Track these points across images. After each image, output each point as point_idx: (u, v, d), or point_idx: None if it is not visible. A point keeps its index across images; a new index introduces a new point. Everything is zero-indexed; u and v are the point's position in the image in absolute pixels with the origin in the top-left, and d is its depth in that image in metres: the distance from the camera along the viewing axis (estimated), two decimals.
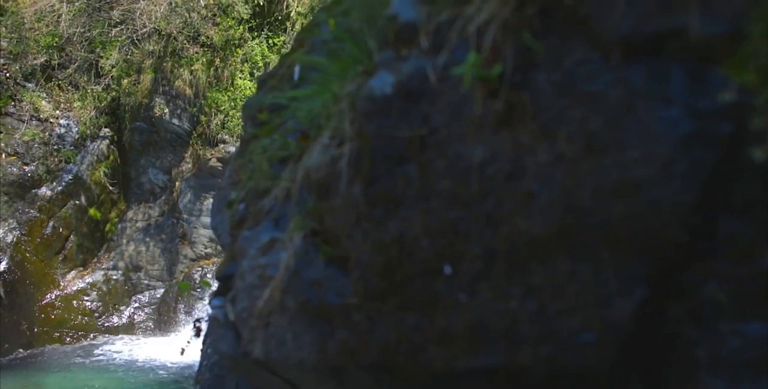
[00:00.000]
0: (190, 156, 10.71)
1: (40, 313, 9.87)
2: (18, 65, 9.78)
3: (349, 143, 0.95)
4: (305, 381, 1.24)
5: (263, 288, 1.13)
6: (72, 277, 10.36)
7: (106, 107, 10.33)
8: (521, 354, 0.79)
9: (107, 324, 10.46)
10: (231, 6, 9.77)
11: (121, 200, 10.88)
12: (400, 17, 0.91)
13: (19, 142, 9.73)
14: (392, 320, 0.95)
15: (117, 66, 9.88)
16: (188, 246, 10.88)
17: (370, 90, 0.91)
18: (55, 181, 10.00)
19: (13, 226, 9.64)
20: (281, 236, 1.14)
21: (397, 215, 0.91)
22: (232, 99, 10.33)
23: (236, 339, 1.23)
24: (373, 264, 0.95)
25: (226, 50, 10.25)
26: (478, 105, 0.74)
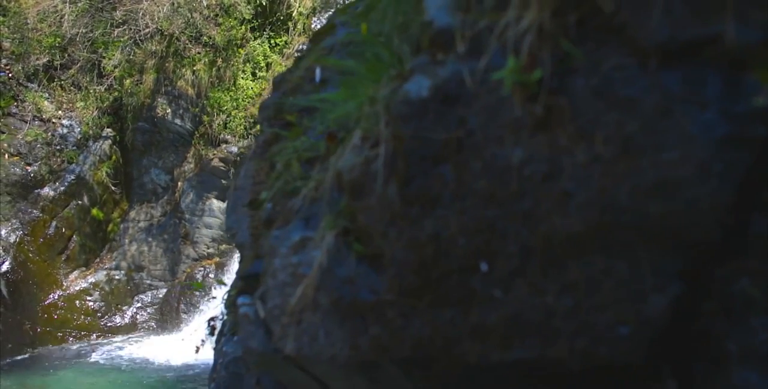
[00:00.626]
0: (192, 156, 10.73)
1: (43, 313, 9.89)
2: (20, 66, 9.80)
3: (384, 145, 0.99)
4: (334, 377, 1.27)
5: (295, 286, 1.16)
6: (75, 277, 10.39)
7: (108, 107, 10.35)
8: (557, 347, 0.82)
9: (110, 323, 10.49)
10: (233, 6, 9.79)
11: (124, 200, 10.91)
12: (435, 23, 0.94)
13: (21, 142, 9.75)
14: (427, 316, 0.98)
15: (119, 66, 9.91)
16: (190, 246, 10.90)
17: (407, 93, 0.94)
18: (58, 181, 10.03)
19: (16, 226, 9.66)
20: (312, 235, 1.17)
21: (432, 214, 0.94)
22: (235, 99, 10.36)
23: (267, 336, 1.26)
24: (408, 262, 0.98)
25: (228, 50, 10.28)
26: (518, 108, 0.78)
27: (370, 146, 1.04)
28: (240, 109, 10.50)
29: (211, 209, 10.92)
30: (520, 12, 0.80)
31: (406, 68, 0.98)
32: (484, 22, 0.86)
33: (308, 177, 1.32)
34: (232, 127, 10.50)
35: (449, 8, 0.93)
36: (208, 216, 10.96)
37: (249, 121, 10.49)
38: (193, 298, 10.83)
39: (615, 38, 0.74)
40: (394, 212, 0.99)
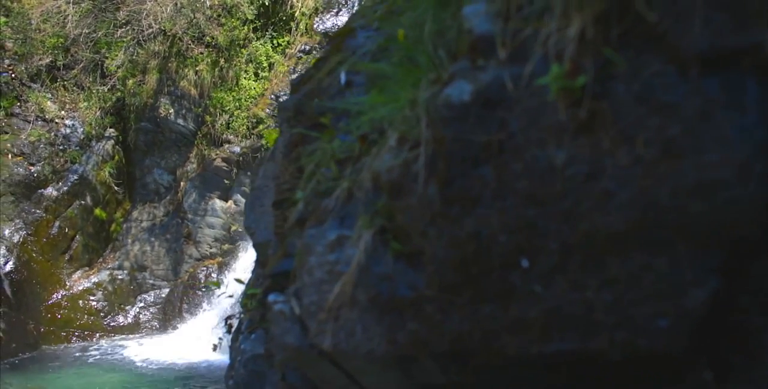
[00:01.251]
0: (194, 156, 10.76)
1: (47, 313, 9.91)
2: (24, 66, 9.82)
3: (425, 147, 1.03)
4: (367, 371, 1.31)
5: (332, 283, 1.20)
6: (78, 277, 10.41)
7: (111, 107, 10.38)
8: (597, 340, 0.86)
9: (113, 323, 10.51)
10: (236, 7, 9.82)
11: (126, 200, 10.94)
12: (475, 30, 0.98)
13: (25, 142, 9.78)
14: (466, 310, 1.03)
15: (122, 67, 9.94)
16: (193, 246, 10.92)
17: (448, 97, 0.99)
18: (61, 181, 10.05)
19: (19, 226, 9.68)
20: (349, 233, 1.21)
21: (473, 213, 0.98)
22: (237, 99, 10.38)
23: (303, 332, 1.30)
24: (448, 259, 1.03)
25: (230, 51, 10.31)
26: (562, 113, 0.82)
27: (408, 148, 1.08)
28: (242, 109, 10.53)
29: (214, 208, 10.95)
30: (562, 21, 0.84)
31: (446, 73, 1.02)
32: (528, 29, 0.90)
33: (340, 178, 1.36)
34: (234, 127, 10.52)
35: (488, 16, 0.97)
36: (210, 216, 10.99)
37: (251, 121, 10.52)
38: (196, 298, 10.86)
39: (655, 46, 0.78)
40: (435, 212, 1.03)
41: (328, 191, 1.36)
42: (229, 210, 10.95)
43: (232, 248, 10.86)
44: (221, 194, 10.86)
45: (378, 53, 1.75)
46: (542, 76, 0.88)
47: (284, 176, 1.81)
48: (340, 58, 1.95)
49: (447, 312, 1.05)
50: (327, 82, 1.93)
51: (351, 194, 1.30)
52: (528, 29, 0.91)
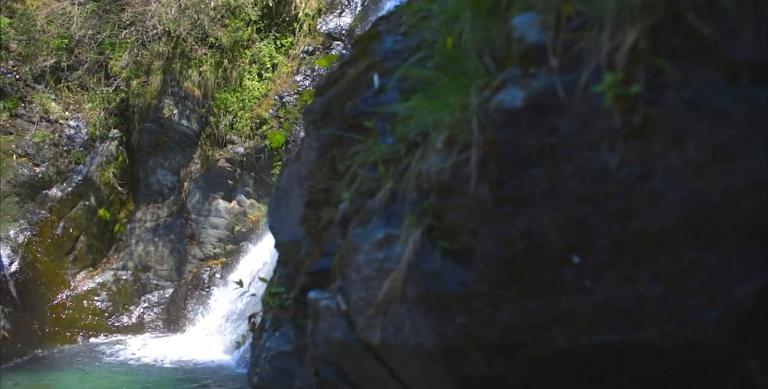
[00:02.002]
0: (198, 157, 10.80)
1: (52, 313, 9.94)
2: (28, 67, 9.85)
3: (476, 150, 1.09)
4: (411, 365, 1.37)
5: (381, 280, 1.26)
6: (82, 277, 10.44)
7: (114, 108, 10.41)
8: (646, 331, 0.92)
9: (117, 323, 10.54)
10: (240, 8, 9.87)
11: (130, 200, 10.97)
12: (526, 40, 1.04)
13: (29, 143, 9.80)
14: (515, 304, 1.08)
15: (126, 68, 9.97)
16: (197, 246, 10.96)
17: (500, 103, 1.04)
18: (65, 182, 10.08)
19: (24, 227, 9.71)
20: (396, 232, 1.27)
21: (524, 213, 1.04)
22: (241, 100, 10.43)
23: (349, 327, 1.35)
24: (499, 256, 1.08)
25: (234, 51, 10.35)
26: (617, 119, 0.88)
27: (458, 151, 1.14)
28: (246, 110, 10.58)
29: (218, 209, 11.00)
30: (614, 33, 0.89)
31: (495, 80, 1.08)
32: (576, 40, 0.96)
33: (383, 179, 1.41)
34: (238, 128, 10.57)
35: (539, 26, 1.03)
36: (214, 216, 11.03)
37: (255, 121, 10.57)
38: (200, 298, 10.90)
39: (704, 56, 0.84)
40: (485, 211, 1.09)
41: (371, 191, 1.42)
42: (233, 211, 11.00)
43: (235, 249, 10.90)
44: (225, 195, 10.90)
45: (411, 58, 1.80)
46: (592, 84, 0.94)
47: (317, 176, 1.86)
48: (369, 62, 2.01)
49: (497, 305, 1.11)
50: (356, 85, 1.99)
51: (394, 194, 1.36)
52: (578, 40, 0.97)
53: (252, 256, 9.98)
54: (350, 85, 2.05)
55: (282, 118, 10.46)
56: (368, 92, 1.78)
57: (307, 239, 1.87)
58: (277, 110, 10.47)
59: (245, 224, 10.84)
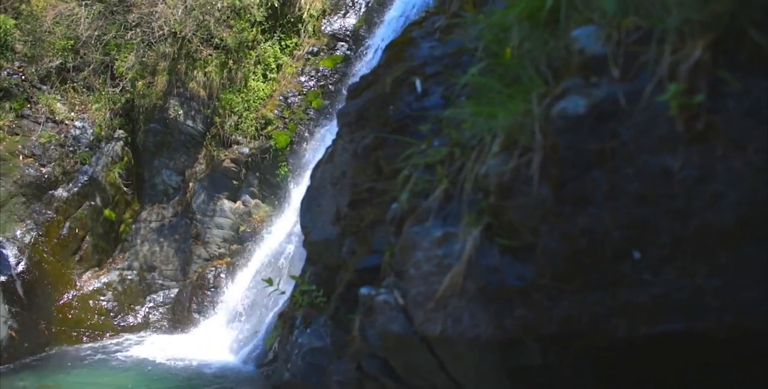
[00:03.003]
0: (203, 157, 10.85)
1: (58, 313, 9.97)
2: (34, 68, 9.88)
3: (538, 153, 1.17)
4: (464, 356, 1.44)
5: (441, 275, 1.34)
6: (88, 277, 10.48)
7: (120, 108, 10.45)
8: (705, 321, 1.00)
9: (123, 323, 10.58)
10: (246, 8, 9.94)
11: (135, 201, 11.01)
12: (587, 51, 1.12)
13: (35, 143, 9.84)
14: (575, 297, 1.17)
15: (132, 68, 10.02)
16: (202, 246, 11.01)
17: (564, 110, 1.12)
18: (71, 182, 10.11)
19: (30, 227, 9.74)
20: (454, 230, 1.35)
21: (585, 212, 1.12)
22: (246, 100, 10.48)
23: (407, 320, 1.43)
24: (560, 252, 1.16)
25: (239, 52, 10.41)
26: (680, 125, 0.96)
27: (519, 155, 1.22)
28: (251, 110, 10.64)
29: (222, 209, 11.05)
30: (676, 46, 0.97)
31: (557, 88, 1.16)
32: (636, 52, 1.04)
33: (436, 180, 1.49)
34: (243, 128, 10.63)
35: (600, 39, 1.11)
36: (219, 217, 11.08)
37: (260, 122, 10.64)
38: (205, 298, 10.96)
39: (763, 67, 0.92)
40: (547, 211, 1.17)
41: (424, 191, 1.50)
42: (238, 211, 11.07)
43: (240, 249, 10.96)
44: (230, 195, 10.96)
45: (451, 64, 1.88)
46: (654, 93, 1.02)
47: (360, 177, 1.94)
48: (407, 67, 2.09)
49: (556, 298, 1.18)
50: (395, 89, 2.07)
51: (448, 194, 1.44)
52: (639, 51, 1.05)
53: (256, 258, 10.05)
54: (387, 89, 2.13)
55: (287, 118, 10.53)
56: (410, 96, 1.85)
57: (349, 238, 1.94)
58: (281, 111, 10.54)
59: (250, 224, 10.90)
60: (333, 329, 2.11)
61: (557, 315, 1.19)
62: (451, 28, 2.11)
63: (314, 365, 2.62)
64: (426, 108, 1.77)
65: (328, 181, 2.50)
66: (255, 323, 9.27)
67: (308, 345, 2.65)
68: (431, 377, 1.67)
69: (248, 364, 8.67)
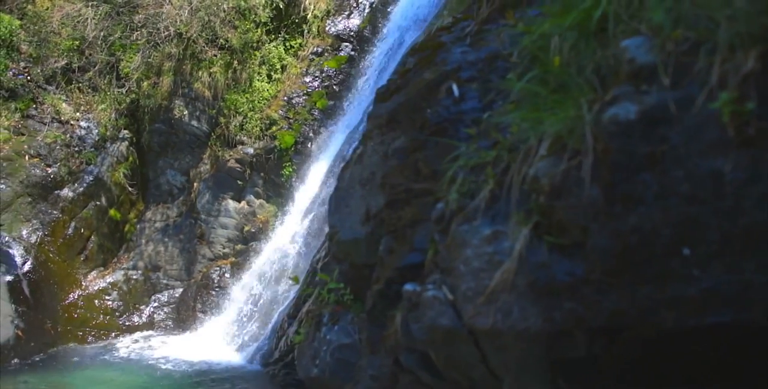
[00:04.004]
0: (208, 157, 10.90)
1: (64, 312, 10.01)
2: (39, 68, 9.91)
3: (589, 156, 1.24)
4: (508, 349, 1.52)
5: (491, 271, 1.41)
6: (93, 277, 10.52)
7: (125, 108, 10.49)
8: (751, 313, 1.08)
9: (128, 322, 10.62)
10: (251, 9, 9.99)
11: (140, 200, 11.04)
12: (637, 60, 1.20)
13: (41, 144, 9.87)
14: (624, 291, 1.24)
15: (138, 69, 10.07)
16: (206, 246, 11.05)
17: (615, 116, 1.20)
18: (77, 182, 10.15)
19: (36, 227, 9.77)
20: (503, 229, 1.42)
21: (636, 211, 1.20)
22: (251, 101, 10.54)
23: (456, 314, 1.50)
24: (610, 249, 1.24)
25: (244, 53, 10.47)
26: (731, 131, 1.03)
27: (569, 157, 1.30)
28: (256, 110, 10.69)
29: (227, 209, 11.10)
30: (726, 56, 1.05)
31: (608, 95, 1.23)
32: (686, 61, 1.12)
33: (483, 181, 1.57)
34: (248, 128, 10.68)
35: (648, 49, 1.18)
36: (223, 217, 11.13)
37: (265, 122, 10.69)
38: (210, 298, 11.01)
39: None
40: (597, 210, 1.24)
41: (470, 192, 1.57)
42: (242, 211, 11.12)
43: (245, 249, 11.01)
44: (234, 195, 11.02)
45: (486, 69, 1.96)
46: (704, 100, 1.10)
47: (398, 178, 2.01)
48: (440, 71, 2.16)
49: (605, 292, 1.26)
50: (429, 93, 2.14)
51: (494, 195, 1.51)
52: (688, 61, 1.13)
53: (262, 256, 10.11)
54: (421, 92, 2.20)
55: (291, 119, 10.59)
56: (448, 100, 1.93)
57: (386, 236, 2.01)
58: (286, 111, 10.60)
59: (254, 224, 10.96)
60: (368, 325, 2.18)
61: (606, 307, 1.27)
62: (482, 34, 2.18)
63: (343, 361, 2.69)
64: (463, 112, 1.84)
65: (356, 182, 2.57)
66: (260, 322, 9.33)
67: (337, 341, 2.72)
68: (470, 370, 1.75)
69: (254, 363, 8.72)
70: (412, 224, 1.84)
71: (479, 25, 2.21)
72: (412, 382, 2.11)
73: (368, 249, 2.51)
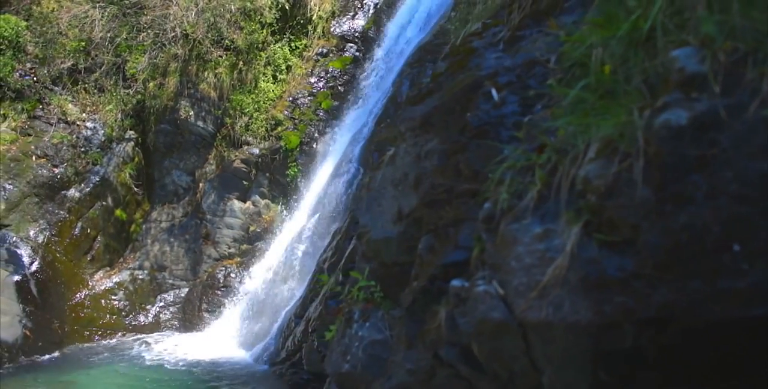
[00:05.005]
0: (213, 158, 10.97)
1: (71, 312, 10.07)
2: (45, 69, 9.96)
3: (641, 159, 1.33)
4: (555, 341, 1.60)
5: (543, 267, 1.49)
6: (100, 277, 10.58)
7: (131, 109, 10.55)
8: None
9: (134, 322, 10.68)
10: (257, 10, 10.06)
11: (146, 201, 11.11)
12: (687, 69, 1.29)
13: (48, 144, 9.92)
14: (674, 284, 1.33)
15: (145, 70, 10.12)
16: (212, 246, 11.12)
17: (667, 121, 1.29)
18: (83, 183, 10.21)
19: (43, 227, 9.83)
20: (554, 227, 1.51)
21: (686, 210, 1.29)
22: (256, 102, 10.61)
23: (507, 308, 1.59)
24: (661, 245, 1.33)
25: (249, 54, 10.54)
26: None
27: (620, 160, 1.38)
28: (261, 111, 10.76)
29: (233, 209, 11.17)
30: None
31: (658, 102, 1.32)
32: (735, 70, 1.21)
33: (525, 182, 1.65)
34: (253, 129, 10.75)
35: (699, 58, 1.27)
36: (229, 217, 11.20)
37: (270, 123, 10.76)
38: (215, 297, 11.08)
39: None
40: (648, 209, 1.33)
41: (517, 192, 1.65)
42: (248, 211, 11.18)
43: (250, 249, 11.08)
44: (240, 195, 11.08)
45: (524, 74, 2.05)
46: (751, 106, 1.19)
47: (438, 179, 2.10)
48: (475, 76, 2.25)
49: (655, 286, 1.35)
50: (465, 97, 2.23)
51: (542, 195, 1.60)
52: (737, 70, 1.22)
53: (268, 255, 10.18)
54: (455, 96, 2.29)
55: (296, 119, 10.66)
56: (487, 105, 2.01)
57: (426, 235, 2.10)
58: (291, 112, 10.68)
59: (260, 224, 11.02)
60: (406, 321, 2.27)
61: (656, 301, 1.35)
62: (515, 40, 2.26)
63: (374, 356, 2.77)
64: (504, 115, 1.93)
65: (388, 182, 2.65)
66: (266, 322, 9.40)
67: (369, 337, 2.80)
68: (512, 362, 1.83)
69: (260, 363, 8.79)
70: (454, 223, 1.93)
71: (512, 32, 2.29)
72: (449, 376, 2.19)
73: (399, 248, 2.59)
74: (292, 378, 7.92)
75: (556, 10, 2.16)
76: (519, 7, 2.38)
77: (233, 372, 9.07)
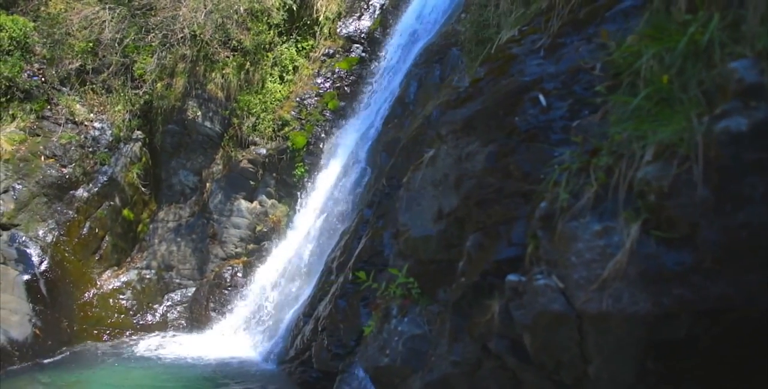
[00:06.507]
0: (220, 158, 11.04)
1: (80, 311, 10.12)
2: (53, 70, 10.01)
3: (701, 162, 1.45)
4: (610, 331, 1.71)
5: (603, 262, 1.61)
6: (108, 276, 10.63)
7: (138, 109, 10.60)
8: None
9: (142, 321, 10.74)
10: (265, 11, 10.14)
11: (153, 201, 11.16)
12: (746, 79, 1.40)
13: (56, 144, 9.97)
14: (731, 278, 1.45)
15: (153, 70, 10.18)
16: (218, 246, 11.19)
17: (727, 128, 1.40)
18: (91, 182, 10.26)
19: (52, 226, 9.87)
20: (612, 224, 1.63)
21: (744, 209, 1.41)
22: (263, 102, 10.69)
23: (566, 301, 1.70)
24: (719, 242, 1.45)
25: (256, 54, 10.62)
26: None
27: (678, 163, 1.50)
28: (268, 111, 10.85)
29: (239, 209, 11.25)
30: None
31: (717, 109, 1.43)
32: None
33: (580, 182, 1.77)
34: (260, 129, 10.83)
35: (758, 69, 1.39)
36: (236, 216, 11.27)
37: (277, 123, 10.85)
38: (222, 297, 11.15)
39: None
40: (707, 208, 1.45)
41: (573, 192, 1.77)
42: (255, 211, 11.27)
43: (257, 248, 11.16)
44: (247, 195, 11.16)
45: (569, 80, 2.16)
46: None
47: (488, 180, 2.21)
48: (518, 83, 2.36)
49: (713, 279, 1.46)
50: (510, 102, 2.34)
51: (598, 195, 1.71)
52: None
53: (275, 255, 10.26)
54: (498, 101, 2.40)
55: (303, 119, 10.76)
56: (534, 109, 2.12)
57: (475, 233, 2.21)
58: (298, 112, 10.77)
59: (267, 224, 11.11)
60: (451, 315, 2.38)
61: (714, 293, 1.47)
62: (556, 47, 2.38)
63: (414, 350, 2.88)
64: (552, 120, 2.04)
65: (428, 183, 2.77)
66: (274, 321, 9.48)
67: (408, 332, 2.91)
68: (562, 353, 1.95)
69: (269, 362, 8.87)
70: (505, 222, 2.04)
71: (552, 39, 2.41)
72: (495, 367, 2.30)
73: (438, 246, 2.71)
74: (301, 377, 8.00)
75: (597, 19, 2.27)
76: (557, 15, 2.49)
77: (242, 370, 9.14)
